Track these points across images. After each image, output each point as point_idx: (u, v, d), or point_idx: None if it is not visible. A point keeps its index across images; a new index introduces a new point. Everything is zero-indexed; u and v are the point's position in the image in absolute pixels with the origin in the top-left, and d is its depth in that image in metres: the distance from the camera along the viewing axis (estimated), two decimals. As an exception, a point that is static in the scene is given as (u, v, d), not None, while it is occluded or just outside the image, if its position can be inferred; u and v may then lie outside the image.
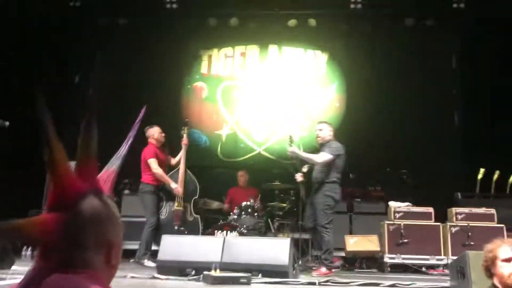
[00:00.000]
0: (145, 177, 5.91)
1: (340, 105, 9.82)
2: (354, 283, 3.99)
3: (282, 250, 4.12)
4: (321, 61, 10.07)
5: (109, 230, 0.97)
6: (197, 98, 10.06)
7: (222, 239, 4.26)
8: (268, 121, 9.84)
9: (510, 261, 2.59)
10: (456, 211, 6.64)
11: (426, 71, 9.57)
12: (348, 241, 6.65)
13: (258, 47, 10.20)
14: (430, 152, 9.17)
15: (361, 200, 7.73)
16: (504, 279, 2.58)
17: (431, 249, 6.37)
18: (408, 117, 9.43)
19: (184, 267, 4.08)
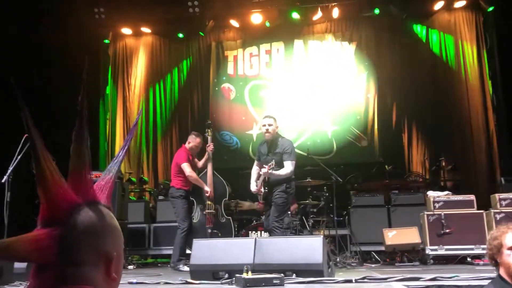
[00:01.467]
0: (176, 181, 5.92)
1: (372, 96, 9.59)
2: (392, 279, 3.83)
3: (315, 248, 4.01)
4: (349, 52, 9.86)
5: (108, 242, 0.91)
6: (226, 100, 10.07)
7: (253, 240, 4.19)
8: (299, 117, 9.72)
9: None
10: (499, 197, 6.32)
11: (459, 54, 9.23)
12: (387, 235, 6.45)
13: (283, 44, 10.10)
14: (469, 137, 8.82)
15: (399, 191, 7.48)
16: (510, 269, 2.35)
17: (475, 238, 6.09)
18: (443, 103, 9.12)
19: (216, 270, 4.04)
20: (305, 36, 10.01)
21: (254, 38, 10.18)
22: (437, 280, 3.76)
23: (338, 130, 9.54)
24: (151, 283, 4.02)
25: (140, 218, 7.54)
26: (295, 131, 9.65)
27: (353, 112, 9.58)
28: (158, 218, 7.59)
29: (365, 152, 9.38)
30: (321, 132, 9.59)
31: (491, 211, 6.22)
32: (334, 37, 9.93)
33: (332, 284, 3.69)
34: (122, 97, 10.06)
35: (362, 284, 3.72)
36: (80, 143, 0.89)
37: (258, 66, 10.09)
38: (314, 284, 3.69)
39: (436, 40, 9.45)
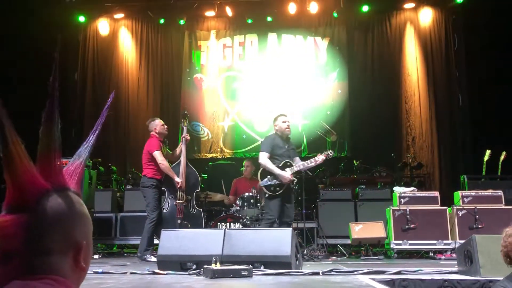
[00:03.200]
0: (147, 170, 5.82)
1: (342, 92, 9.70)
2: (358, 272, 3.90)
3: (284, 241, 4.04)
4: (322, 48, 9.93)
5: (77, 230, 0.87)
6: (198, 90, 9.98)
7: (222, 232, 4.19)
8: (270, 110, 9.73)
9: None
10: (462, 194, 6.52)
11: (428, 54, 9.45)
12: (354, 229, 6.56)
13: (257, 36, 10.07)
14: (435, 135, 9.06)
15: (366, 186, 7.62)
16: None
17: (438, 233, 6.27)
18: (412, 101, 9.33)
19: (184, 261, 4.01)
20: (279, 30, 10.01)
21: (227, 29, 10.13)
22: (402, 273, 3.85)
23: (308, 124, 9.62)
24: (117, 273, 3.96)
25: (107, 207, 7.42)
26: (266, 124, 9.65)
27: (324, 107, 9.68)
28: (126, 208, 7.49)
29: (334, 147, 9.50)
30: (292, 126, 9.57)
31: (454, 208, 6.41)
32: (308, 32, 9.97)
33: (300, 276, 3.73)
34: (92, 81, 9.80)
35: (329, 277, 3.77)
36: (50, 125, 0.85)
37: (232, 57, 10.04)
38: (282, 276, 3.71)
39: (407, 38, 9.63)
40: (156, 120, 6.06)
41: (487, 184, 6.90)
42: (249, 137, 9.70)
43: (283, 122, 5.63)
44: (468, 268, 3.86)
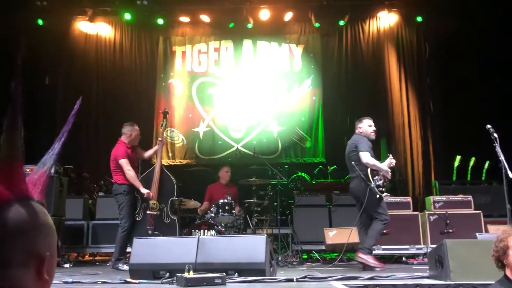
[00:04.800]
0: (117, 177, 5.69)
1: (317, 99, 9.79)
2: (332, 278, 3.92)
3: (258, 248, 4.02)
4: (296, 55, 10.02)
5: (39, 242, 0.84)
6: (173, 96, 9.91)
7: (196, 239, 4.15)
8: (246, 117, 9.75)
9: None
10: (434, 199, 6.65)
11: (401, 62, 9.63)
12: (328, 234, 6.60)
13: (232, 42, 10.09)
14: (407, 141, 9.22)
15: (340, 192, 7.68)
16: None
17: (410, 238, 6.38)
18: (383, 107, 9.49)
19: (157, 269, 3.95)
20: (254, 36, 10.05)
21: (203, 35, 10.11)
22: (375, 279, 3.89)
23: (283, 130, 9.67)
24: (87, 282, 3.87)
25: (78, 215, 7.26)
26: (242, 131, 9.68)
27: (299, 113, 9.75)
28: (98, 215, 7.34)
29: (309, 153, 9.58)
30: (267, 132, 9.68)
31: (426, 213, 6.53)
32: (283, 39, 10.05)
33: (274, 283, 3.72)
34: (64, 86, 9.58)
35: (303, 283, 3.78)
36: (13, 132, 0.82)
37: (207, 63, 10.02)
38: (256, 283, 3.70)
39: (380, 46, 9.79)
40: (136, 126, 5.89)
41: (457, 190, 7.06)
42: (224, 143, 9.68)
43: (369, 126, 5.57)
44: (439, 272, 3.92)
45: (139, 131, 5.89)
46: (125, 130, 5.80)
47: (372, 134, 5.52)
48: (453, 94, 8.64)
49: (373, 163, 5.23)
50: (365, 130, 5.52)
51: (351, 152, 5.43)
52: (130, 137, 5.77)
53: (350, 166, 5.44)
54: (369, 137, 5.48)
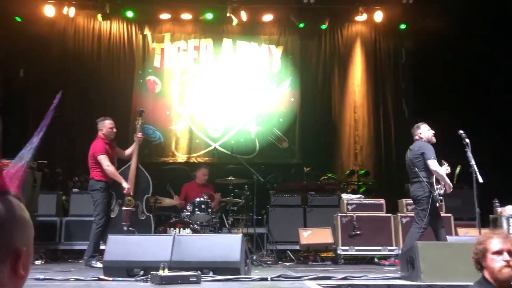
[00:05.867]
0: (95, 173, 5.62)
1: (295, 100, 9.87)
2: (306, 277, 3.98)
3: (233, 246, 4.05)
4: (276, 56, 10.07)
5: (16, 236, 0.84)
6: (150, 93, 9.83)
7: (172, 237, 4.14)
8: (224, 116, 9.75)
9: (501, 253, 2.51)
10: (406, 202, 6.79)
11: (378, 66, 9.79)
12: (302, 234, 6.68)
13: (212, 41, 10.07)
14: (381, 144, 9.38)
15: (315, 193, 7.77)
16: (495, 273, 2.50)
17: (383, 240, 6.50)
18: (360, 111, 9.64)
19: (131, 267, 3.93)
20: (234, 36, 10.06)
21: (183, 33, 10.06)
22: (348, 279, 3.96)
23: (261, 130, 9.71)
24: (60, 279, 3.82)
25: (51, 211, 7.15)
26: (220, 130, 9.67)
27: (277, 114, 9.80)
28: (71, 212, 7.24)
29: (286, 154, 9.65)
30: (245, 131, 9.70)
31: (398, 215, 6.66)
32: (262, 40, 10.09)
33: (248, 282, 3.76)
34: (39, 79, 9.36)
35: (277, 282, 3.82)
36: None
37: (186, 61, 9.98)
38: (231, 282, 3.72)
39: (357, 50, 9.93)
40: (106, 121, 5.82)
41: (429, 193, 7.20)
42: (202, 142, 9.65)
43: (428, 130, 5.52)
44: (410, 273, 4.02)
45: (113, 125, 5.81)
46: (98, 126, 5.76)
47: (433, 138, 5.50)
48: (427, 99, 8.84)
49: (441, 172, 5.24)
50: (426, 135, 5.49)
51: (416, 158, 5.38)
52: (103, 131, 5.72)
53: (412, 172, 5.40)
54: (431, 141, 5.47)
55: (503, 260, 2.49)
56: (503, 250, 2.51)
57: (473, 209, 5.18)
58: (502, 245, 2.52)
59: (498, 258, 2.50)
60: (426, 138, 5.45)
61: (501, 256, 2.50)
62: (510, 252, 2.52)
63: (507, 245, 2.53)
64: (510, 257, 2.51)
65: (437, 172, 5.20)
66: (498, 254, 2.51)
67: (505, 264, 2.49)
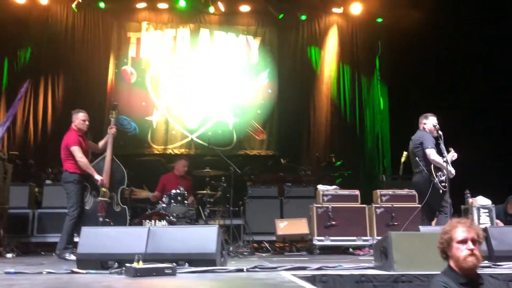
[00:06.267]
0: (68, 165, 5.52)
1: (273, 92, 9.87)
2: (281, 268, 4.00)
3: (209, 238, 4.03)
4: (253, 47, 10.03)
5: None
6: (126, 83, 9.69)
7: (147, 229, 4.10)
8: (201, 107, 9.69)
9: (466, 242, 2.57)
10: (380, 192, 6.90)
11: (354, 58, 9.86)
12: (279, 225, 6.72)
13: (189, 31, 9.96)
14: (357, 136, 9.48)
15: (292, 184, 7.82)
16: (460, 262, 2.56)
17: (358, 230, 6.59)
18: (337, 103, 9.72)
19: (105, 259, 3.87)
20: (211, 26, 9.98)
21: (159, 22, 9.91)
22: (322, 269, 3.99)
23: (239, 122, 9.70)
24: (31, 273, 3.74)
25: (23, 203, 6.99)
26: (197, 121, 9.62)
27: (254, 106, 9.80)
28: (44, 204, 7.11)
29: (263, 145, 9.67)
30: (222, 123, 9.67)
31: (373, 206, 6.76)
32: (240, 31, 10.03)
33: (224, 273, 3.75)
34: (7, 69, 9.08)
35: (252, 273, 3.82)
36: None
37: (162, 51, 9.85)
38: (206, 273, 3.71)
39: (334, 41, 9.98)
40: (80, 113, 5.74)
41: (403, 184, 7.35)
42: (178, 133, 9.58)
43: (434, 123, 5.55)
44: (384, 263, 4.08)
45: (86, 118, 5.73)
46: (72, 117, 5.71)
47: (435, 132, 5.54)
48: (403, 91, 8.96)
49: (438, 160, 5.29)
50: (429, 127, 5.56)
51: (416, 148, 5.49)
52: (75, 123, 5.65)
53: (414, 162, 5.49)
54: (433, 134, 5.53)
55: (467, 249, 2.55)
56: (468, 239, 2.57)
57: (446, 199, 5.27)
58: (466, 234, 2.58)
59: (462, 247, 2.57)
60: (428, 129, 5.55)
61: (466, 245, 2.56)
62: (474, 241, 2.58)
63: (471, 234, 2.58)
64: (474, 246, 2.57)
65: (435, 161, 5.30)
66: (463, 243, 2.57)
67: (469, 252, 2.55)
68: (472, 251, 2.55)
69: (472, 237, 2.57)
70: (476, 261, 2.56)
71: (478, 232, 2.61)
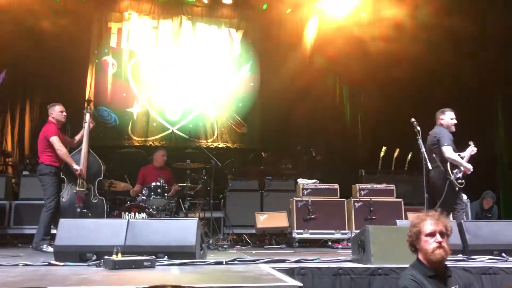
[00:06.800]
0: (45, 157, 5.48)
1: (255, 85, 9.87)
2: (260, 261, 4.03)
3: (189, 231, 4.03)
4: (236, 40, 10.00)
5: None
6: (106, 74, 9.55)
7: (126, 222, 4.08)
8: (183, 99, 9.63)
9: (434, 235, 2.58)
10: (359, 187, 6.99)
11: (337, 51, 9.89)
12: (259, 218, 6.76)
13: (171, 22, 9.87)
14: (338, 131, 9.56)
15: (272, 178, 7.87)
16: (428, 255, 2.57)
17: (337, 223, 6.67)
18: (318, 97, 9.77)
19: (84, 251, 3.85)
20: (194, 18, 9.90)
21: (141, 13, 9.78)
22: (301, 262, 4.04)
23: (220, 115, 9.67)
24: (8, 265, 3.70)
25: (0, 194, 6.88)
26: (178, 113, 9.56)
27: (236, 99, 9.79)
28: (21, 195, 7.01)
29: (244, 138, 9.68)
30: (204, 115, 9.63)
31: (351, 200, 6.85)
32: (222, 23, 9.98)
33: (203, 266, 3.76)
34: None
35: (232, 266, 3.84)
36: None
37: (144, 42, 9.74)
38: (185, 266, 3.71)
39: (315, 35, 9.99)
40: (56, 106, 5.73)
41: (382, 178, 7.46)
42: (159, 125, 9.51)
43: (451, 118, 5.52)
44: (361, 256, 4.14)
45: (63, 110, 5.68)
46: (49, 111, 5.71)
47: (453, 127, 5.55)
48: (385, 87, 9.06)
49: (454, 158, 5.30)
50: (447, 122, 5.54)
51: (433, 144, 5.46)
52: (53, 115, 5.62)
53: (431, 158, 5.38)
54: (450, 130, 5.53)
55: (435, 242, 2.57)
56: (436, 232, 2.59)
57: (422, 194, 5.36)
58: (435, 227, 2.60)
59: (431, 240, 2.58)
60: (446, 125, 5.54)
61: (434, 237, 2.58)
62: (443, 233, 2.60)
63: (439, 227, 2.60)
64: (443, 238, 2.59)
65: (451, 158, 5.31)
66: (431, 236, 2.59)
67: (437, 245, 2.56)
68: (440, 244, 2.57)
69: (440, 229, 2.59)
70: (444, 254, 2.58)
71: (446, 225, 2.63)
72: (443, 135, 5.43)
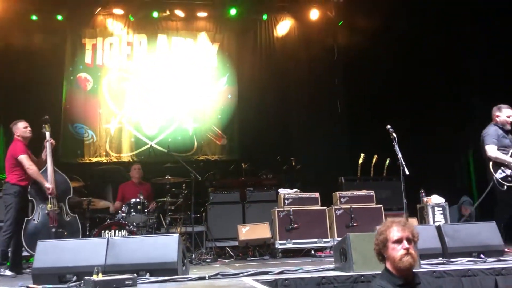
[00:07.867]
0: (11, 176, 5.28)
1: (232, 97, 9.89)
2: (243, 274, 4.01)
3: (170, 247, 4.00)
4: (212, 52, 10.02)
5: None
6: (81, 90, 9.46)
7: (106, 240, 4.02)
8: (160, 113, 9.59)
9: (401, 242, 2.50)
10: (340, 194, 7.04)
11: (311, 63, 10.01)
12: (241, 230, 6.73)
13: (146, 37, 9.85)
14: (316, 139, 9.62)
15: (253, 189, 7.86)
16: (396, 263, 2.48)
17: (319, 232, 6.69)
18: (296, 107, 9.85)
19: (63, 273, 3.78)
20: (169, 32, 9.91)
21: (115, 28, 9.75)
22: (284, 273, 4.04)
23: (199, 128, 9.66)
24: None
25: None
26: (156, 127, 9.51)
27: (215, 111, 9.79)
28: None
29: (224, 150, 9.67)
30: (182, 129, 9.60)
31: (333, 207, 6.89)
32: (198, 36, 10.00)
33: (186, 282, 3.73)
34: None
35: (215, 281, 3.82)
36: None
37: (119, 57, 9.69)
38: (168, 283, 3.68)
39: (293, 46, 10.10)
40: (19, 123, 5.57)
41: (361, 185, 7.53)
42: (137, 140, 9.43)
43: (508, 116, 5.45)
44: (343, 264, 4.16)
45: (27, 125, 5.55)
46: (13, 130, 5.58)
47: (508, 125, 5.50)
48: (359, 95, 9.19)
49: (498, 156, 5.27)
50: (502, 119, 5.51)
51: (482, 142, 5.46)
52: (18, 133, 5.48)
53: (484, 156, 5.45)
54: (505, 127, 5.50)
55: (403, 248, 2.48)
56: (403, 238, 2.51)
57: (401, 199, 5.43)
58: (401, 233, 2.51)
59: (398, 247, 2.50)
60: (500, 122, 5.53)
61: (401, 244, 2.50)
62: (409, 240, 2.52)
63: (405, 233, 2.52)
64: (410, 245, 2.51)
65: (492, 157, 5.32)
66: (398, 243, 2.50)
67: (404, 252, 2.48)
68: (407, 250, 2.48)
69: (407, 236, 2.52)
70: (412, 261, 2.49)
71: (412, 231, 2.56)
72: (489, 133, 5.45)
